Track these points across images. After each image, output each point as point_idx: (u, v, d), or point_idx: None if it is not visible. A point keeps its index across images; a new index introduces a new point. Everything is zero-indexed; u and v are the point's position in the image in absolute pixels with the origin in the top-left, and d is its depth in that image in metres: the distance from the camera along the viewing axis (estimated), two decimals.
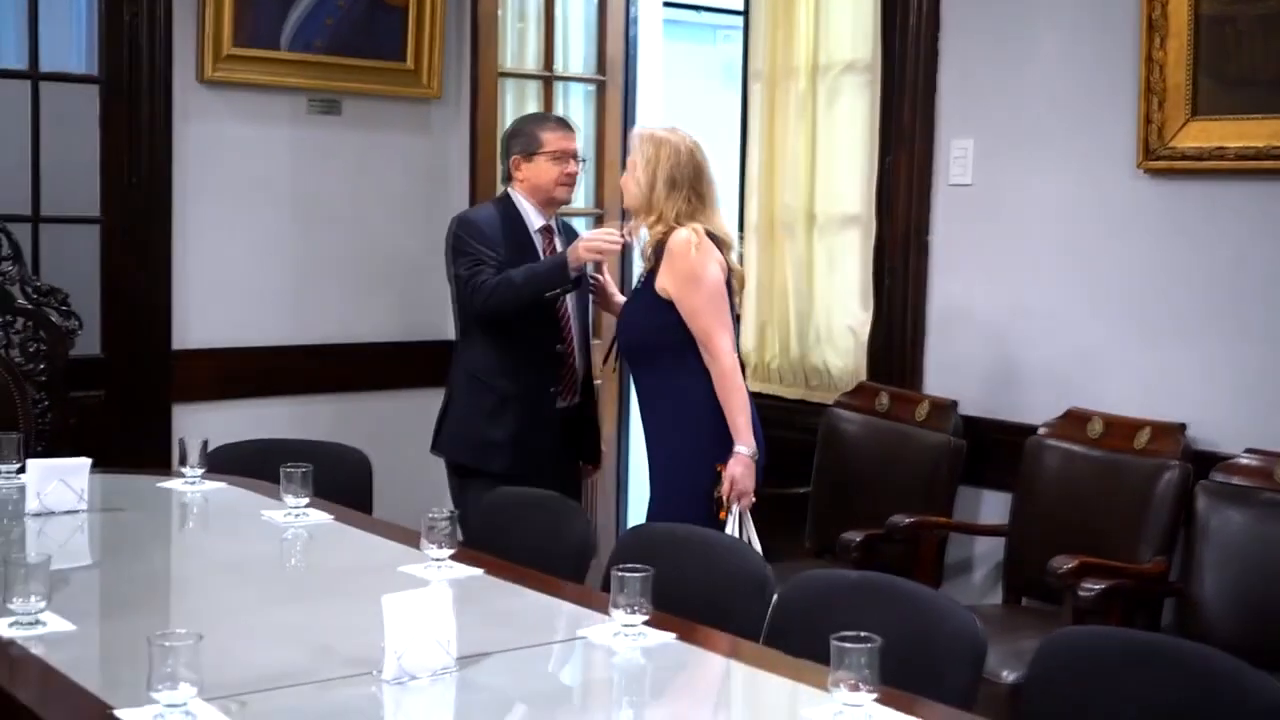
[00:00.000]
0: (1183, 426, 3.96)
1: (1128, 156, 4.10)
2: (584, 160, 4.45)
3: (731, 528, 3.81)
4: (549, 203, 4.36)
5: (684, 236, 3.84)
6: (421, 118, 5.78)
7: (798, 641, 2.83)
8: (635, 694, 2.62)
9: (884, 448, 4.59)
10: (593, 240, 4.16)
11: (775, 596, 3.10)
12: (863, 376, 4.81)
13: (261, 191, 5.45)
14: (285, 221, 5.51)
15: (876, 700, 2.28)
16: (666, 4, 6.34)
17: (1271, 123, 3.80)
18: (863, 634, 2.34)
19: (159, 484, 3.87)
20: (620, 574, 2.67)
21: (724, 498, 3.83)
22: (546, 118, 4.59)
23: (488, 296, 4.19)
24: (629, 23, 5.68)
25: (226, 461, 4.04)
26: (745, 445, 3.84)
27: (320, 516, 3.54)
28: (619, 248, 4.20)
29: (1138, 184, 4.10)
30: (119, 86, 5.06)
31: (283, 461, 3.68)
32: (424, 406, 5.86)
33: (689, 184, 3.89)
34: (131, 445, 5.05)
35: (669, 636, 2.67)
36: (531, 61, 5.56)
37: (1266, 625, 3.64)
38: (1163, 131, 4.00)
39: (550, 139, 4.30)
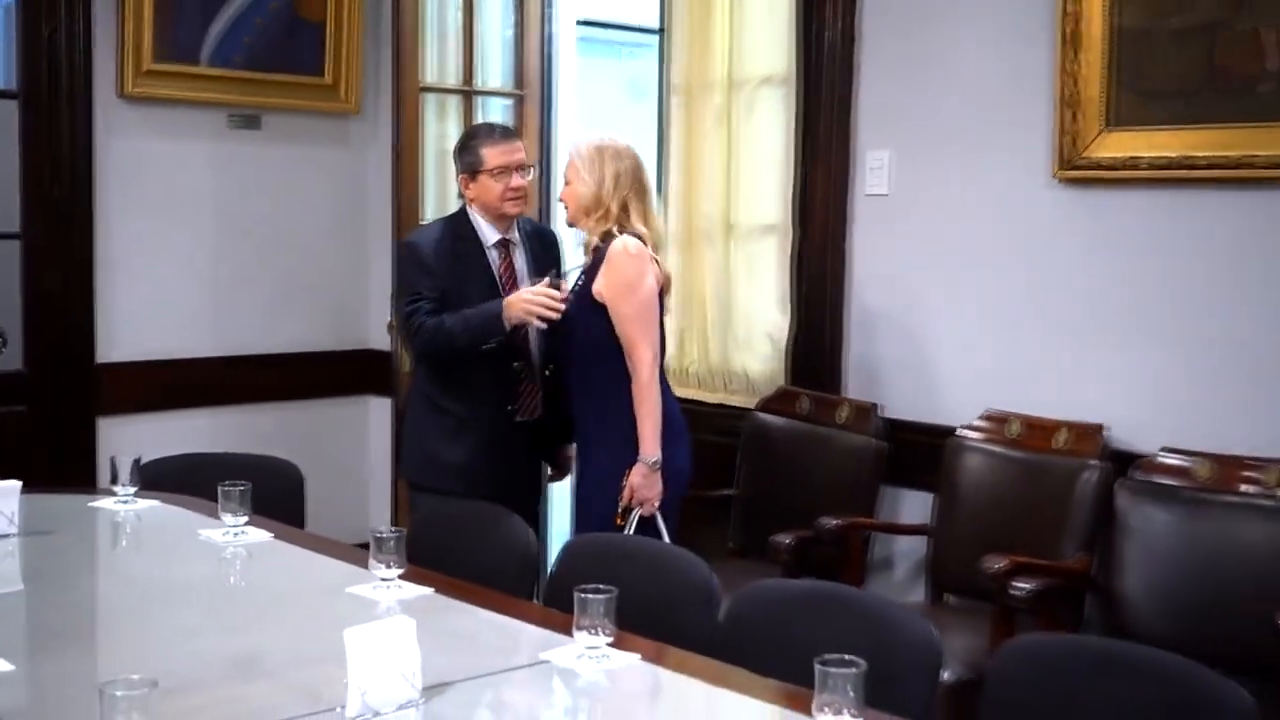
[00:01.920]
0: (1100, 427, 3.80)
1: (1044, 167, 3.93)
2: (531, 166, 3.97)
3: (629, 534, 3.64)
4: (500, 217, 3.90)
5: (624, 245, 3.66)
6: (340, 132, 5.55)
7: (754, 655, 2.61)
8: None
9: (807, 450, 4.39)
10: (531, 303, 3.66)
11: (725, 608, 2.89)
12: (781, 381, 4.60)
13: (184, 205, 5.19)
14: (208, 235, 5.26)
15: None
16: (580, 22, 6.09)
17: (1185, 134, 3.65)
18: (846, 657, 2.11)
19: (90, 503, 3.52)
20: (583, 595, 2.42)
21: (624, 506, 3.67)
22: (488, 131, 3.99)
23: (425, 343, 3.83)
24: (545, 39, 5.41)
25: (156, 477, 3.69)
26: (649, 454, 3.66)
27: (259, 535, 3.23)
28: (558, 316, 3.66)
29: (1053, 193, 3.92)
30: (38, 101, 4.73)
31: (214, 476, 3.37)
32: (348, 414, 5.67)
33: (632, 181, 3.73)
34: (55, 460, 4.74)
35: (634, 658, 2.43)
36: (452, 76, 5.26)
37: (1188, 620, 3.49)
38: (1078, 142, 3.83)
39: (491, 155, 3.85)
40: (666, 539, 3.64)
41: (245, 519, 3.23)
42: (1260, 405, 3.60)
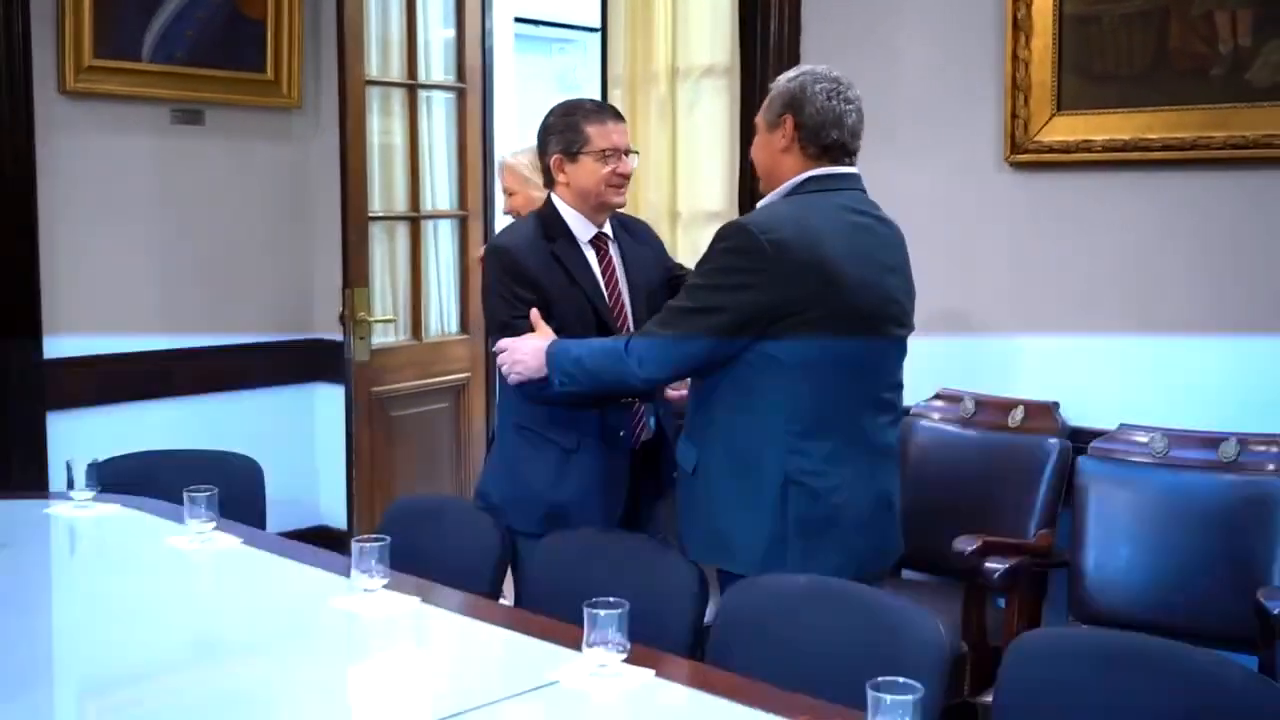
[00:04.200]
0: (1056, 404, 3.50)
1: (995, 151, 3.60)
2: (636, 153, 3.02)
3: None
4: (600, 208, 2.95)
5: None
6: (282, 126, 5.08)
7: (750, 656, 2.26)
8: None
9: None
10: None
11: (718, 606, 2.53)
12: None
13: (128, 200, 4.71)
14: (153, 229, 4.79)
15: None
16: (517, 19, 5.68)
17: (1137, 117, 3.35)
18: (900, 680, 1.75)
19: (46, 509, 3.06)
20: (592, 610, 2.04)
21: None
22: (589, 107, 2.99)
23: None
24: (485, 34, 4.98)
25: (111, 477, 3.22)
26: None
27: (228, 541, 2.78)
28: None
29: (1004, 177, 3.60)
30: None
31: (173, 474, 2.98)
32: (297, 403, 5.22)
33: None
34: (4, 460, 4.22)
35: (648, 674, 2.05)
36: (395, 70, 4.80)
37: (1152, 592, 3.21)
38: (1029, 126, 3.52)
39: (597, 134, 2.90)
40: None
41: (213, 524, 2.80)
42: (1213, 381, 3.32)
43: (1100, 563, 3.29)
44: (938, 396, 3.71)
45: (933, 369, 3.71)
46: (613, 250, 3.00)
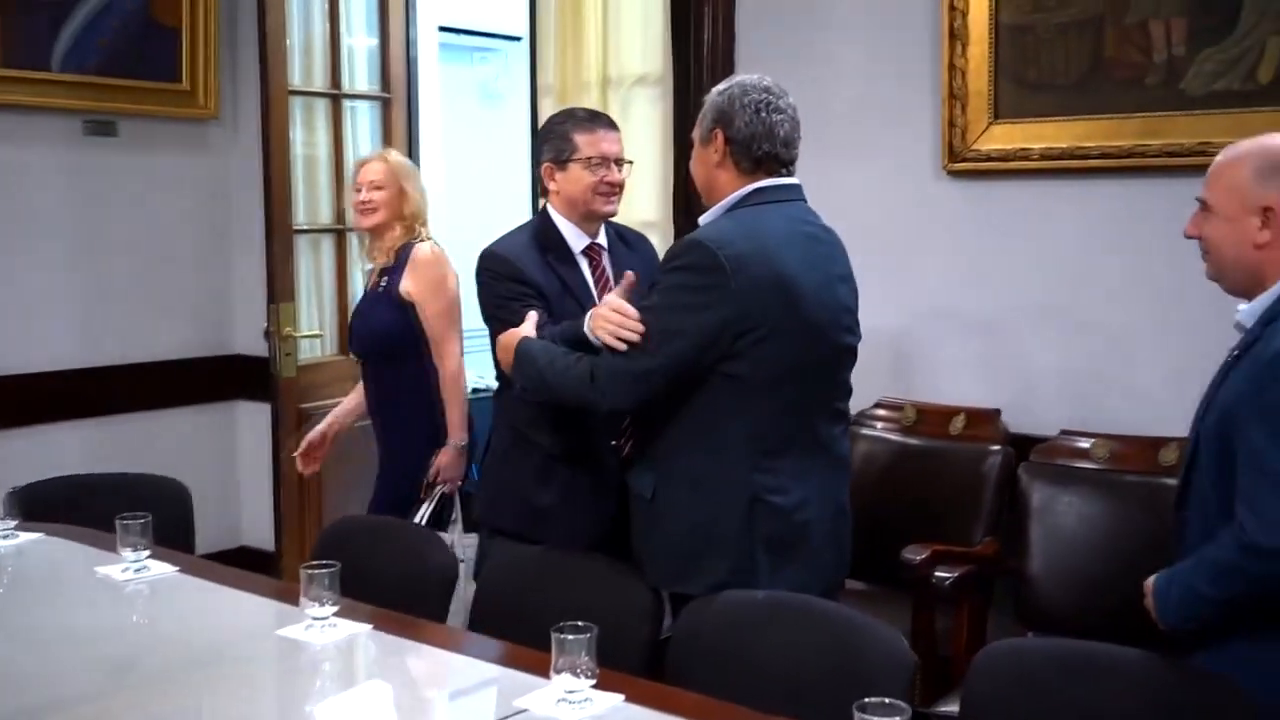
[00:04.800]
0: (997, 411, 3.50)
1: (932, 159, 3.60)
2: (630, 163, 2.99)
3: (427, 510, 3.59)
4: (588, 217, 2.91)
5: (431, 248, 3.65)
6: (199, 138, 4.95)
7: (710, 676, 2.21)
8: None
9: None
10: (607, 321, 2.51)
11: (673, 623, 2.48)
12: None
13: (39, 215, 4.54)
14: (65, 244, 4.62)
15: None
16: (441, 29, 5.58)
17: (1074, 125, 3.37)
18: (888, 701, 1.72)
19: None
20: (560, 635, 1.97)
21: (429, 482, 3.62)
22: (581, 115, 2.98)
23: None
24: (409, 43, 4.87)
25: (33, 504, 3.09)
26: (458, 438, 3.63)
27: (163, 569, 2.66)
28: (636, 338, 2.47)
29: (942, 185, 3.60)
30: None
31: (97, 500, 2.91)
32: (218, 421, 5.06)
33: (419, 190, 3.71)
34: None
35: (617, 699, 1.99)
36: (319, 80, 4.69)
37: (1097, 598, 3.21)
38: (966, 135, 3.52)
39: (585, 141, 2.87)
40: (459, 515, 3.65)
41: (148, 552, 2.67)
42: (1152, 387, 3.35)
43: (1045, 569, 3.29)
44: (879, 405, 3.69)
45: (874, 378, 3.68)
46: (606, 261, 2.95)
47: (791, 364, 2.44)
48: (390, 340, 3.62)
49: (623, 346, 2.46)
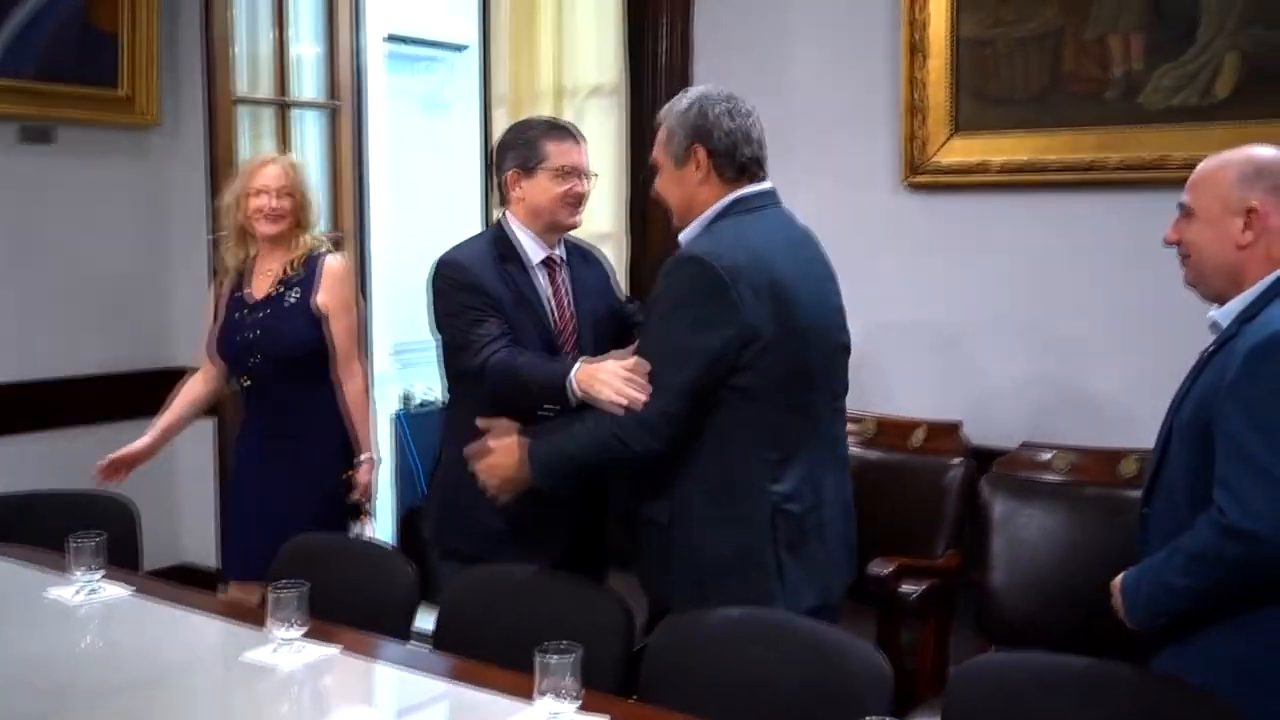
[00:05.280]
0: (958, 424, 3.50)
1: (892, 172, 3.60)
2: (596, 175, 2.96)
3: (371, 528, 3.52)
4: (551, 228, 2.84)
5: (342, 260, 3.52)
6: (139, 145, 4.81)
7: (686, 693, 2.17)
8: None
9: None
10: (621, 389, 2.43)
11: (649, 641, 2.43)
12: None
13: None
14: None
15: None
16: (388, 38, 5.50)
17: (1034, 139, 3.39)
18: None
19: None
20: (544, 656, 1.92)
21: (362, 501, 3.46)
22: (549, 125, 2.93)
23: (494, 386, 2.69)
24: (357, 51, 4.80)
25: None
26: (374, 453, 3.50)
27: (118, 591, 2.57)
28: (643, 400, 2.42)
29: (902, 198, 3.60)
30: None
31: (40, 518, 2.86)
32: None
33: (315, 194, 3.57)
34: None
35: None
36: (264, 88, 4.59)
37: (1059, 609, 3.21)
38: (926, 147, 3.52)
39: (555, 151, 2.82)
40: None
41: (101, 573, 2.58)
42: (1111, 398, 3.36)
43: (1007, 581, 3.29)
44: None
45: None
46: (563, 274, 2.88)
47: (794, 368, 2.43)
48: (313, 356, 3.41)
49: (621, 409, 2.39)
